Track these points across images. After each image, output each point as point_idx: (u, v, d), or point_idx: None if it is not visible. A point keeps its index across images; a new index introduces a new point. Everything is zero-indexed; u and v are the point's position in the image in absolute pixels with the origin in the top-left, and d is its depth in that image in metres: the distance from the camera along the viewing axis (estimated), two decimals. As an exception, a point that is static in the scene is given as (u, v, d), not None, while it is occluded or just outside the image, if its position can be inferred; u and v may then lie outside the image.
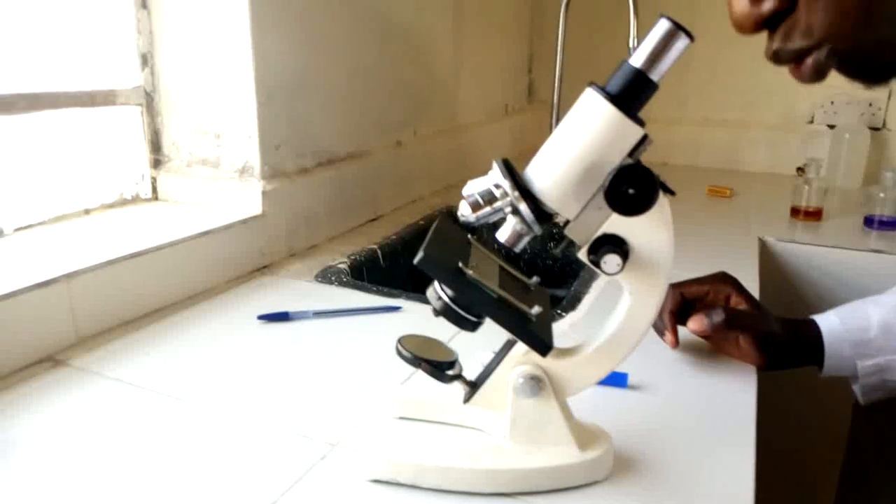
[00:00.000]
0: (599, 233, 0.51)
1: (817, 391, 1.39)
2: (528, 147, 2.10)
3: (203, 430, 0.62)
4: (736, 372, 0.76)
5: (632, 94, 0.48)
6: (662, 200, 0.50)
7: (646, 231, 0.51)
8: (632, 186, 0.47)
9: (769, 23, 0.44)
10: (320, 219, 1.17)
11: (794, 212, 1.47)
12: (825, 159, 1.71)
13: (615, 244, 0.50)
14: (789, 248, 1.32)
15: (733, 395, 0.71)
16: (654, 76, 0.48)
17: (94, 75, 1.00)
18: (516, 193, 0.50)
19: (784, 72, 0.55)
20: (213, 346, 0.79)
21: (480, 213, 0.51)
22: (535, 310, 0.51)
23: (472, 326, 0.54)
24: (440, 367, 0.56)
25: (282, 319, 0.86)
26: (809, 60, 0.44)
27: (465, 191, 0.53)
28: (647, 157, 0.50)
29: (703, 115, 2.05)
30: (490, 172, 0.52)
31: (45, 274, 0.75)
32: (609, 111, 0.48)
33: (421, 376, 0.57)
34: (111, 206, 1.04)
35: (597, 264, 0.51)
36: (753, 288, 1.03)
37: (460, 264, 0.51)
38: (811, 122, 1.90)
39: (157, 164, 1.10)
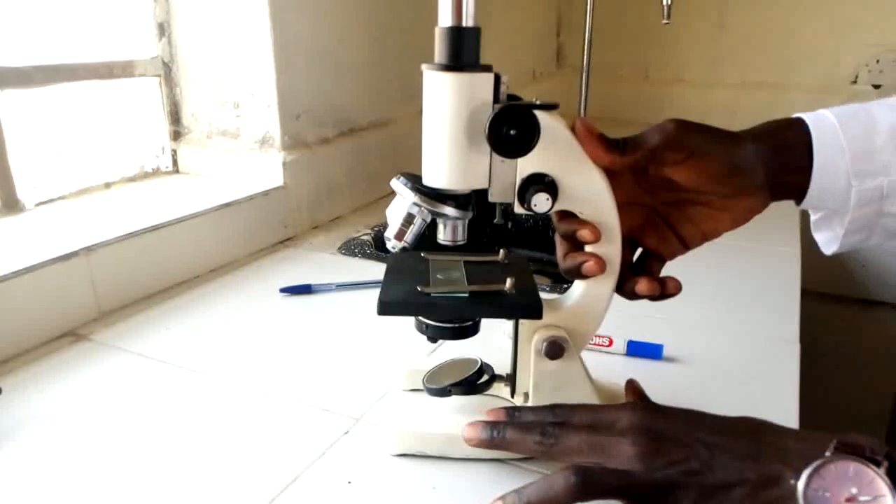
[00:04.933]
0: (518, 181, 0.49)
1: (860, 369, 1.35)
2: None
3: (225, 405, 0.61)
4: (777, 343, 0.72)
5: (457, 51, 0.46)
6: (556, 126, 0.48)
7: (566, 163, 0.49)
8: (511, 127, 0.46)
9: None
10: (343, 190, 1.14)
11: (837, 176, 1.40)
12: (869, 121, 1.63)
13: (537, 182, 0.49)
14: (831, 214, 1.26)
15: (774, 368, 0.67)
16: (467, 22, 0.46)
17: (111, 46, 0.99)
18: (432, 202, 0.51)
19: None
20: (235, 319, 0.78)
21: (408, 235, 0.53)
22: (509, 283, 0.51)
23: (472, 331, 0.54)
24: (469, 382, 0.56)
25: (304, 292, 0.84)
26: None
27: (388, 228, 0.54)
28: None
29: (740, 78, 1.97)
30: (397, 192, 0.53)
31: (64, 248, 0.74)
32: (448, 79, 0.47)
33: (449, 346, 0.55)
34: (132, 179, 1.03)
35: (532, 211, 0.49)
36: (795, 255, 0.99)
37: (419, 288, 0.51)
38: (854, 82, 1.82)
39: (176, 136, 1.09)
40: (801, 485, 0.37)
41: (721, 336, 0.74)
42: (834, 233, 0.53)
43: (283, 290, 0.84)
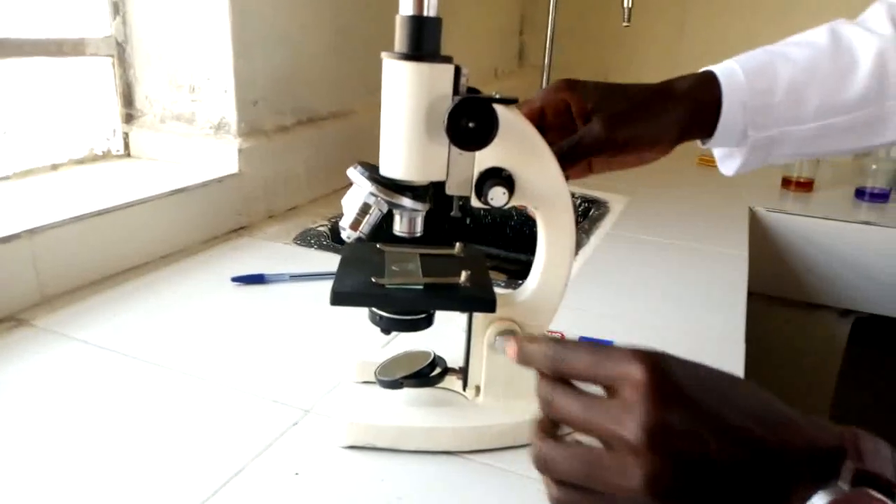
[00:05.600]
0: (476, 175, 0.50)
1: (802, 370, 1.39)
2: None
3: (171, 394, 0.60)
4: (724, 342, 0.74)
5: (417, 40, 0.47)
6: (516, 121, 0.49)
7: (524, 158, 0.50)
8: (470, 120, 0.46)
9: None
10: (300, 180, 1.13)
11: (786, 182, 1.45)
12: (818, 130, 1.69)
13: (494, 176, 0.49)
14: (780, 219, 1.30)
15: (720, 366, 0.69)
16: (429, 12, 0.47)
17: (62, 23, 0.95)
18: (389, 192, 0.51)
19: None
20: (185, 308, 0.76)
21: (364, 226, 0.52)
22: (464, 276, 0.52)
23: (426, 323, 0.54)
24: (422, 374, 0.56)
25: (257, 282, 0.83)
26: None
27: (343, 217, 0.53)
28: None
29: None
30: (354, 181, 0.52)
31: (6, 229, 0.71)
32: (408, 68, 0.47)
33: (403, 338, 0.55)
34: (81, 161, 1.00)
35: (488, 204, 0.50)
36: (743, 257, 1.01)
37: (374, 279, 0.51)
38: (805, 92, 1.87)
39: (129, 118, 1.06)
40: None
41: (669, 334, 0.75)
42: (729, 152, 0.61)
43: (236, 280, 0.82)
